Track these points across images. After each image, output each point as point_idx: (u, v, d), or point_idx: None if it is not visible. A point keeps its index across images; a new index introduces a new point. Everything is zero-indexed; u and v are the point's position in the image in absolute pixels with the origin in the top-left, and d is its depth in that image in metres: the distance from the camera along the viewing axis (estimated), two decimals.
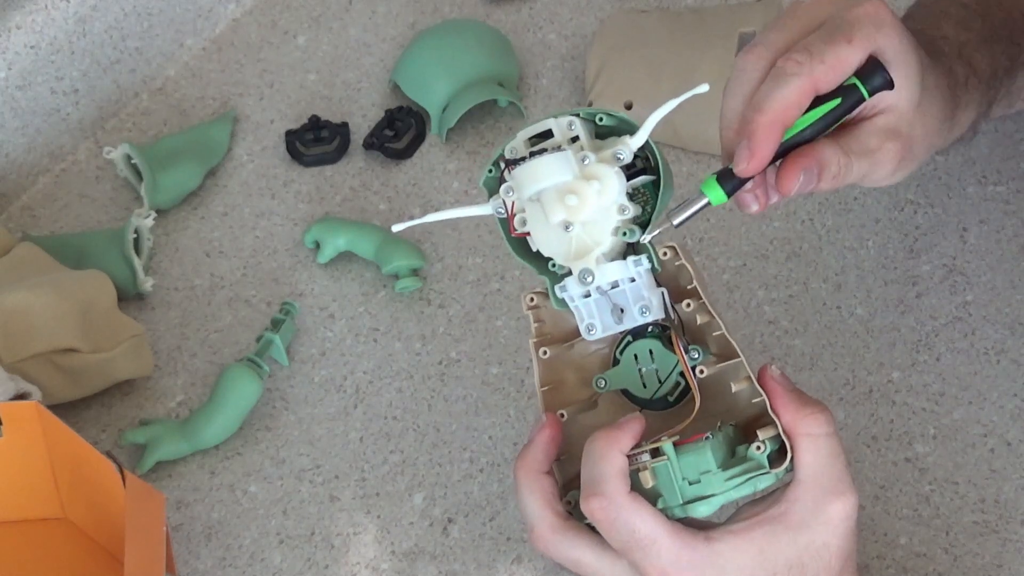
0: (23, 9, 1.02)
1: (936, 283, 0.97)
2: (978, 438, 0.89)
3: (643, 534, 0.69)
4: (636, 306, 0.73)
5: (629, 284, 0.73)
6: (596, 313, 0.74)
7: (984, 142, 1.03)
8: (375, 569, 0.87)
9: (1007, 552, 0.85)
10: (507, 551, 0.87)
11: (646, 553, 0.69)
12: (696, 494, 0.70)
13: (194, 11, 1.13)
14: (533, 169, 0.72)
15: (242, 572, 0.87)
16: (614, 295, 0.73)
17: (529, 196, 0.72)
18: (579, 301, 0.74)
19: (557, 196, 0.72)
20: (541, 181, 0.72)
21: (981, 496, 0.87)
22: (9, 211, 1.05)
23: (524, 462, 0.74)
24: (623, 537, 0.69)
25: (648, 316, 0.73)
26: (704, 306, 0.74)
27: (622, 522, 0.69)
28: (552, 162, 0.72)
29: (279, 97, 1.11)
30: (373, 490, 0.90)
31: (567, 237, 0.73)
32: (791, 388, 0.72)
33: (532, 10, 1.15)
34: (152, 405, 0.95)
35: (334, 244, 0.99)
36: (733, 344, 0.73)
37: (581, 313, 0.74)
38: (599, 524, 0.70)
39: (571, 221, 0.72)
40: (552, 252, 0.73)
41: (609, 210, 0.72)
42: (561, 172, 0.72)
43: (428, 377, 0.95)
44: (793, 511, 0.70)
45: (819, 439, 0.70)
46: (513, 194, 0.73)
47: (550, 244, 0.73)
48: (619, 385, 0.75)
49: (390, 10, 1.15)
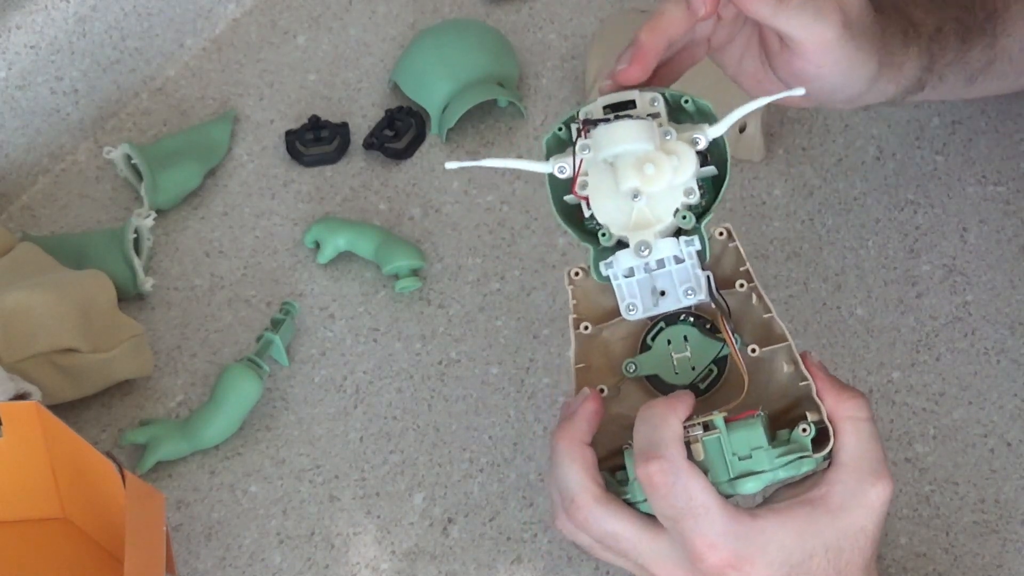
0: (23, 9, 1.02)
1: (936, 283, 0.97)
2: (978, 438, 0.89)
3: (699, 501, 0.68)
4: (681, 288, 0.73)
5: (675, 266, 0.73)
6: (638, 293, 0.73)
7: (984, 142, 1.03)
8: (375, 569, 0.87)
9: (1007, 552, 0.85)
10: (507, 551, 0.87)
11: (698, 522, 0.68)
12: (746, 469, 0.70)
13: (194, 11, 1.13)
14: (618, 130, 0.71)
15: (242, 572, 0.87)
16: (658, 276, 0.73)
17: (607, 157, 0.72)
18: (622, 279, 0.73)
19: (635, 163, 0.71)
20: (624, 143, 0.71)
21: (981, 496, 0.87)
22: (9, 211, 1.05)
23: (566, 433, 0.72)
24: (678, 503, 0.68)
25: (693, 298, 0.73)
26: (756, 288, 0.74)
27: (680, 487, 0.68)
28: (638, 127, 0.72)
29: (279, 97, 1.11)
30: (373, 490, 0.90)
31: (629, 208, 0.72)
32: (830, 374, 0.73)
33: (532, 10, 1.15)
34: (152, 405, 0.95)
35: (334, 244, 0.99)
36: (783, 327, 0.73)
37: (623, 291, 0.73)
38: (655, 489, 0.69)
39: (641, 191, 0.71)
40: (609, 220, 0.73)
41: (677, 190, 0.72)
42: (644, 139, 0.71)
43: (428, 377, 0.95)
44: (834, 493, 0.70)
45: (860, 423, 0.71)
46: (588, 152, 0.72)
47: (608, 212, 0.73)
48: (650, 371, 0.75)
49: (390, 10, 1.15)
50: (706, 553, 0.68)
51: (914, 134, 1.04)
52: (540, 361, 0.95)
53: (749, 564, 0.69)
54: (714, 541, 0.68)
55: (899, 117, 1.05)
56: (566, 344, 0.95)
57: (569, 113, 0.75)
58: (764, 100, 0.73)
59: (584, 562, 0.86)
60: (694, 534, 0.69)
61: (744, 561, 0.69)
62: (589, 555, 0.74)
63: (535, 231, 1.01)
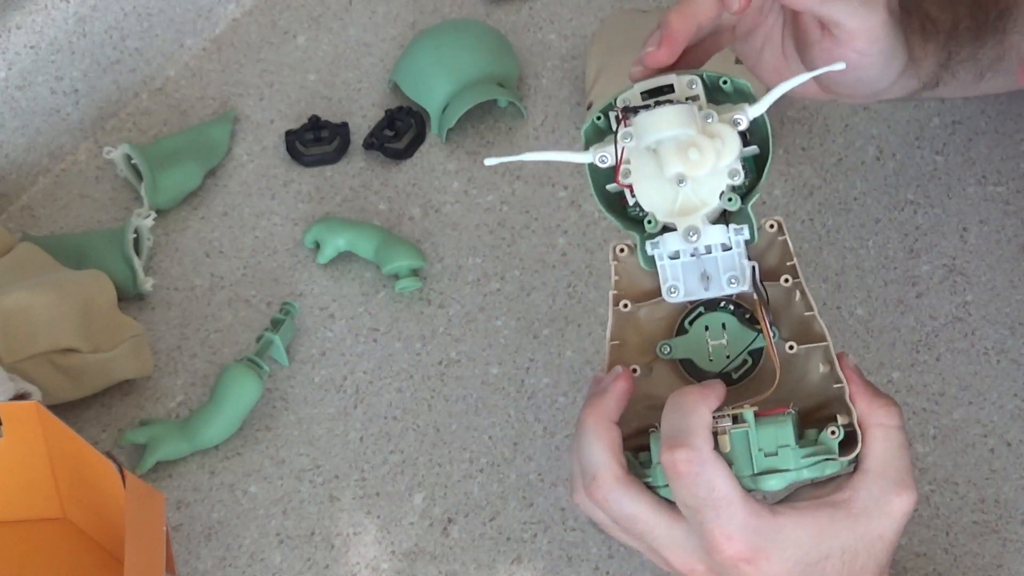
0: (23, 9, 1.02)
1: (936, 283, 0.97)
2: (978, 438, 0.89)
3: (721, 493, 0.68)
4: (726, 275, 0.72)
5: (722, 253, 0.72)
6: (681, 276, 0.73)
7: (984, 142, 1.03)
8: (375, 569, 0.87)
9: (1007, 552, 0.85)
10: (507, 551, 0.87)
11: (718, 513, 0.68)
12: (770, 466, 0.70)
13: (194, 11, 1.13)
14: (659, 116, 0.71)
15: (242, 572, 0.87)
16: (705, 261, 0.73)
17: (649, 144, 0.71)
18: (667, 261, 0.73)
19: (678, 148, 0.71)
20: (666, 129, 0.71)
21: (981, 496, 0.87)
22: (9, 211, 1.05)
23: (595, 409, 0.72)
24: (700, 493, 0.68)
25: (736, 287, 0.73)
26: (801, 285, 0.74)
27: (704, 477, 0.68)
28: (679, 112, 0.71)
29: (279, 97, 1.11)
30: (373, 490, 0.90)
31: (674, 193, 0.72)
32: (864, 379, 0.73)
33: (532, 10, 1.15)
34: (152, 405, 0.95)
35: (334, 244, 0.99)
36: (823, 327, 0.73)
37: (666, 273, 0.73)
38: (679, 477, 0.68)
39: (686, 176, 0.71)
40: (654, 207, 0.73)
41: (721, 172, 0.72)
42: (686, 123, 0.71)
43: (428, 377, 0.95)
44: (857, 499, 0.70)
45: (890, 431, 0.71)
46: (630, 140, 0.72)
47: (652, 199, 0.73)
48: (684, 354, 0.75)
49: (390, 10, 1.15)
50: (723, 544, 0.68)
51: (914, 134, 1.04)
52: (540, 361, 0.95)
53: (764, 559, 0.69)
54: (732, 533, 0.68)
55: (899, 117, 1.05)
56: (566, 344, 0.95)
57: (607, 100, 0.74)
58: (806, 75, 0.72)
59: (584, 562, 0.86)
60: (713, 525, 0.69)
61: (760, 555, 0.69)
62: (602, 532, 0.74)
63: (535, 231, 1.01)
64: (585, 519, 0.87)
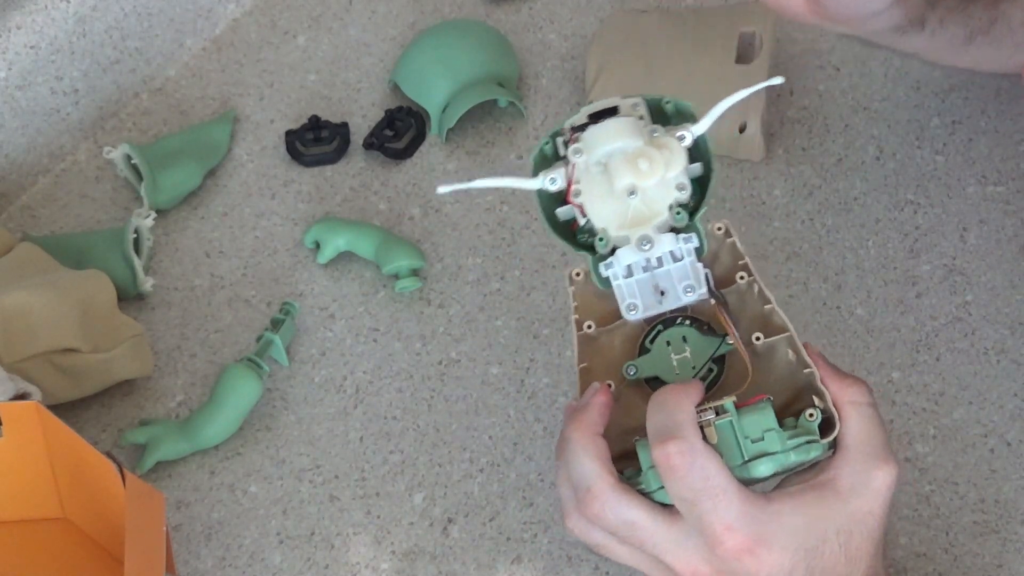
0: (23, 9, 1.02)
1: (936, 283, 0.97)
2: (978, 438, 0.89)
3: (716, 482, 0.68)
4: (681, 285, 0.74)
5: (673, 264, 0.74)
6: (638, 293, 0.74)
7: (984, 142, 1.03)
8: (375, 569, 0.87)
9: (1007, 552, 0.85)
10: (507, 551, 0.87)
11: (716, 503, 0.69)
12: (759, 451, 0.70)
13: (194, 11, 1.13)
14: (607, 129, 0.73)
15: (242, 572, 0.87)
16: (657, 275, 0.74)
17: (599, 157, 0.73)
18: (622, 280, 0.74)
19: (627, 159, 0.72)
20: (615, 140, 0.72)
21: (981, 496, 0.87)
22: (9, 211, 1.05)
23: (579, 424, 0.72)
24: (696, 485, 0.69)
25: (692, 296, 0.74)
26: (756, 281, 0.76)
27: (698, 467, 0.68)
28: (625, 124, 0.73)
29: (279, 97, 1.11)
30: (373, 490, 0.90)
31: (625, 207, 0.73)
32: (829, 363, 0.74)
33: (532, 10, 1.15)
34: (152, 405, 0.95)
35: (334, 244, 0.99)
36: (784, 317, 0.74)
37: (623, 292, 0.74)
38: (674, 470, 0.69)
39: (637, 187, 0.72)
40: (606, 223, 0.74)
41: (670, 184, 0.73)
42: (633, 134, 0.73)
43: (428, 377, 0.95)
44: (842, 476, 0.71)
45: (863, 408, 0.72)
46: (580, 156, 0.73)
47: (604, 215, 0.74)
48: (650, 372, 0.75)
49: (390, 10, 1.16)
50: (724, 536, 0.68)
51: (914, 134, 1.04)
52: (540, 361, 0.95)
53: (766, 548, 0.69)
54: (731, 523, 0.69)
55: (899, 117, 1.06)
56: (566, 344, 0.95)
57: (554, 129, 0.76)
58: (744, 92, 0.73)
59: (584, 562, 0.86)
60: (712, 516, 0.69)
61: (760, 545, 0.69)
62: (599, 555, 0.74)
63: (535, 231, 1.01)
64: None
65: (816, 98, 1.07)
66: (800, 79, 1.08)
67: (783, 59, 1.10)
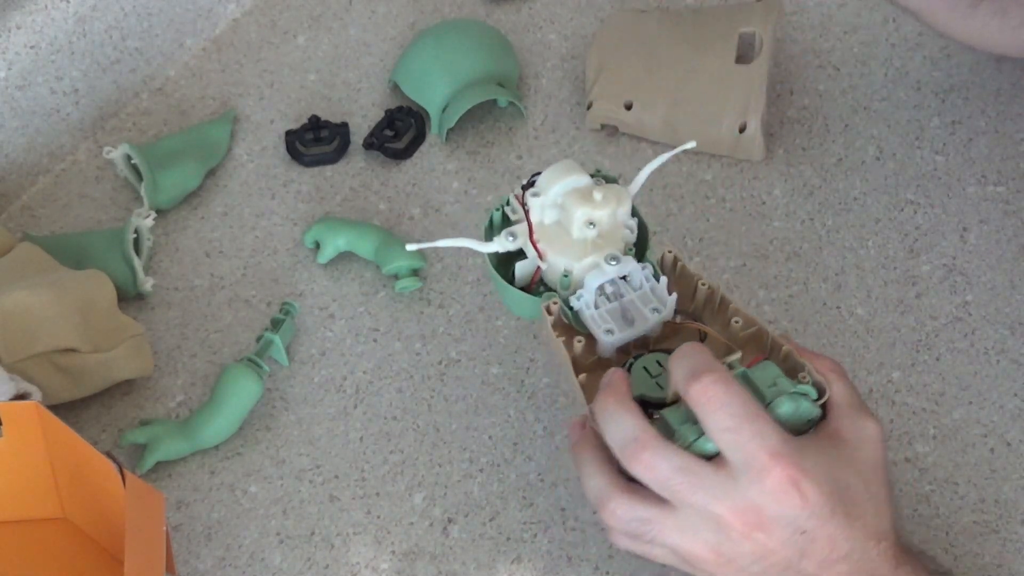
0: (23, 9, 1.02)
1: (936, 283, 0.97)
2: (978, 438, 0.89)
3: (754, 408, 0.71)
4: (647, 308, 0.78)
5: (636, 293, 0.78)
6: (610, 319, 0.78)
7: (984, 142, 1.03)
8: (375, 569, 0.87)
9: (1007, 552, 0.85)
10: (507, 551, 0.87)
11: (759, 427, 0.70)
12: (777, 392, 0.73)
13: (194, 11, 1.13)
14: (559, 168, 0.80)
15: (242, 572, 0.87)
16: (624, 304, 0.78)
17: (556, 194, 0.79)
18: (592, 311, 0.78)
19: (582, 195, 0.79)
20: (568, 176, 0.79)
21: (981, 496, 0.87)
22: (9, 211, 1.05)
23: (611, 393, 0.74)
24: (737, 410, 0.70)
25: (659, 314, 0.78)
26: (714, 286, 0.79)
27: (736, 392, 0.71)
28: (572, 164, 0.80)
29: (279, 97, 1.11)
30: (373, 490, 0.90)
31: (586, 239, 0.78)
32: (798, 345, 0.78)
33: (532, 10, 1.15)
34: (152, 405, 0.95)
35: (334, 244, 0.99)
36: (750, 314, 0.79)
37: (596, 321, 0.78)
38: (713, 399, 0.71)
39: (595, 218, 0.78)
40: (570, 258, 0.79)
41: (621, 221, 0.80)
42: (582, 173, 0.80)
43: (428, 377, 0.95)
44: (843, 428, 0.74)
45: (839, 374, 0.76)
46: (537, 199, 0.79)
47: (567, 253, 0.79)
48: (636, 392, 0.77)
49: (390, 10, 1.16)
50: (770, 464, 0.70)
51: (914, 134, 1.04)
52: (540, 361, 0.95)
53: (808, 482, 0.70)
54: (776, 449, 0.70)
55: (899, 117, 1.06)
56: None
57: (499, 201, 0.82)
58: (663, 158, 0.82)
59: (584, 562, 0.86)
60: (757, 443, 0.70)
61: (804, 477, 0.70)
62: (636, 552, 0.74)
63: None
64: (586, 519, 0.87)
65: (816, 98, 1.07)
66: (800, 79, 1.08)
67: (783, 59, 1.10)
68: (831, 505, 0.71)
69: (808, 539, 0.71)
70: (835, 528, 0.71)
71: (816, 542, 0.71)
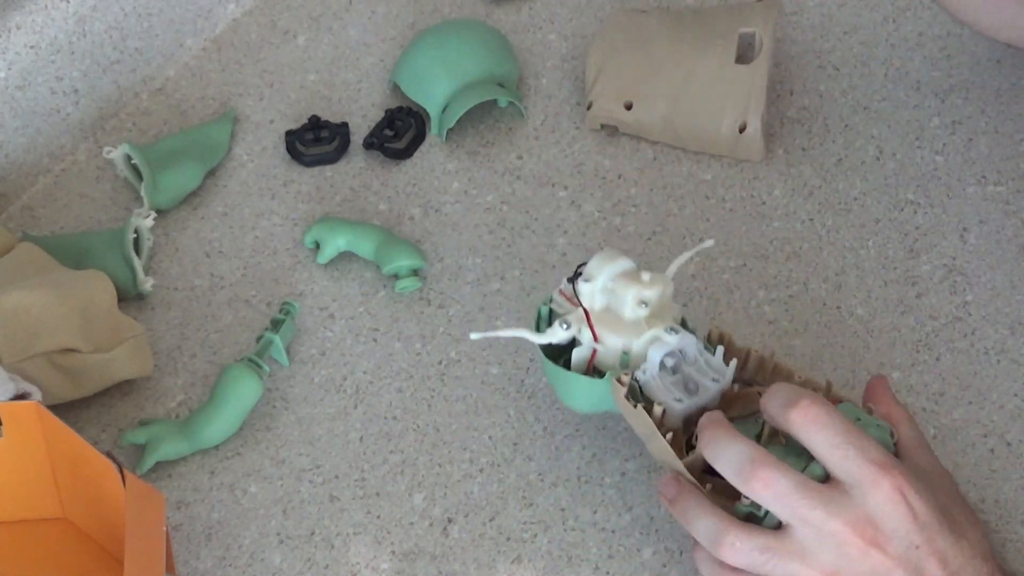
0: (23, 9, 1.02)
1: (936, 283, 0.97)
2: (978, 438, 0.89)
3: (855, 427, 0.74)
4: (707, 378, 0.81)
5: (693, 366, 0.82)
6: (675, 390, 0.80)
7: (984, 142, 1.03)
8: (375, 569, 0.87)
9: (1007, 552, 0.85)
10: (507, 551, 0.87)
11: (864, 442, 0.73)
12: (865, 424, 0.77)
13: (194, 11, 1.13)
14: (604, 255, 0.83)
15: (242, 572, 0.87)
16: (686, 375, 0.81)
17: (606, 279, 0.82)
18: (657, 382, 0.81)
19: (630, 277, 0.82)
20: (615, 262, 0.83)
21: (981, 496, 0.87)
22: (9, 211, 1.05)
23: (714, 419, 0.77)
24: (841, 427, 0.73)
25: (720, 383, 0.81)
26: (766, 355, 0.83)
27: (836, 413, 0.73)
28: (616, 251, 0.84)
29: (279, 97, 1.11)
30: (373, 490, 0.90)
31: (640, 319, 0.82)
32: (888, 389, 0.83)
33: (532, 10, 1.15)
34: (152, 405, 0.95)
35: (334, 244, 0.99)
36: (806, 375, 0.83)
37: (663, 391, 0.80)
38: (815, 420, 0.73)
39: (646, 298, 0.82)
40: (626, 337, 0.82)
41: (668, 302, 0.83)
42: (626, 257, 0.83)
43: (428, 377, 0.95)
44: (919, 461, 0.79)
45: (907, 419, 0.81)
46: (588, 284, 0.82)
47: (623, 334, 0.82)
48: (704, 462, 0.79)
49: (390, 10, 1.15)
50: (879, 475, 0.72)
51: (914, 134, 1.04)
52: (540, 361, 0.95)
53: (913, 493, 0.72)
54: (882, 459, 0.72)
55: (899, 117, 1.06)
56: None
57: (546, 299, 0.86)
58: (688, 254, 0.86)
59: (584, 562, 0.86)
60: (865, 456, 0.72)
61: (910, 487, 0.72)
62: None
63: (535, 231, 1.01)
64: (586, 519, 0.87)
65: (816, 98, 1.07)
66: (800, 79, 1.08)
67: (783, 59, 1.10)
68: (938, 519, 0.72)
69: (922, 555, 0.72)
70: (944, 544, 0.72)
71: (930, 558, 0.72)
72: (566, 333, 0.83)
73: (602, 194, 1.03)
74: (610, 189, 1.03)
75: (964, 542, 0.74)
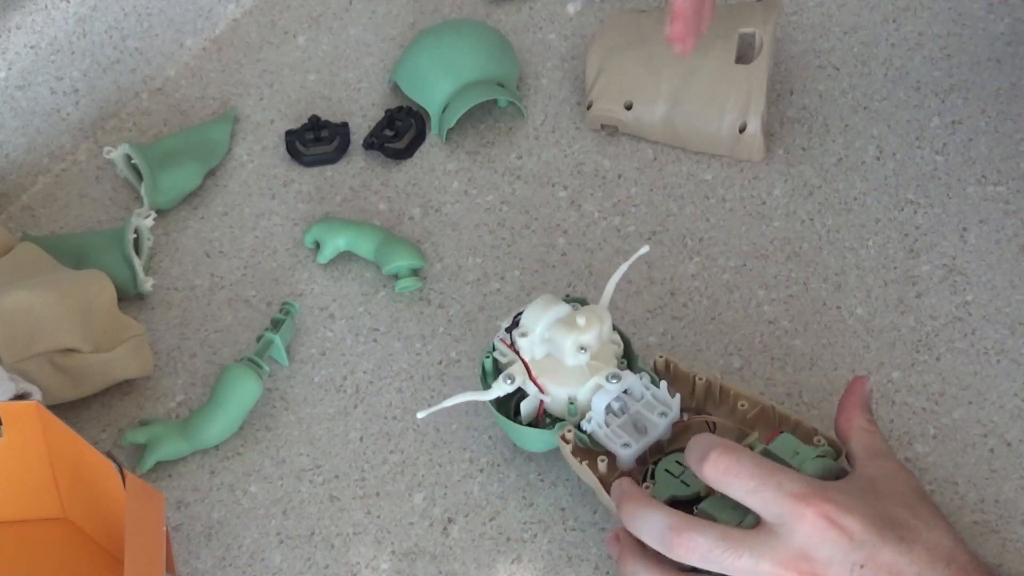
0: (23, 9, 1.02)
1: (936, 283, 0.97)
2: (978, 438, 0.89)
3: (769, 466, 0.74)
4: (654, 414, 0.82)
5: (640, 404, 0.82)
6: (624, 434, 0.81)
7: (984, 142, 1.03)
8: (375, 569, 0.87)
9: (1007, 552, 0.85)
10: (507, 551, 0.87)
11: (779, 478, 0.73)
12: (802, 459, 0.77)
13: (194, 11, 1.13)
14: (537, 305, 0.84)
15: (242, 572, 0.87)
16: (633, 416, 0.82)
17: (542, 330, 0.83)
18: (605, 430, 0.81)
19: (566, 323, 0.83)
20: (549, 310, 0.83)
21: (981, 496, 0.87)
22: (9, 211, 1.05)
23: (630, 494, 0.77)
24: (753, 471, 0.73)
25: (668, 417, 0.82)
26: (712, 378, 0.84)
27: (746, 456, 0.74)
28: (550, 298, 0.84)
29: (279, 97, 1.11)
30: (373, 490, 0.90)
31: (581, 365, 0.83)
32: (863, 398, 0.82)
33: (532, 10, 1.15)
34: (152, 405, 0.95)
35: (334, 244, 0.99)
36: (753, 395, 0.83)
37: (611, 438, 0.81)
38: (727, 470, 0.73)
39: (584, 343, 0.82)
40: (571, 386, 0.83)
41: (607, 340, 0.84)
42: (560, 304, 0.84)
43: (428, 377, 0.95)
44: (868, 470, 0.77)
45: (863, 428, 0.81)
46: (526, 337, 0.83)
47: (567, 383, 0.83)
48: (665, 494, 0.80)
49: (390, 10, 1.15)
50: (800, 506, 0.71)
51: (914, 134, 1.04)
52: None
53: (841, 513, 0.72)
54: (801, 490, 0.72)
55: (899, 117, 1.06)
56: None
57: (485, 349, 0.87)
58: (623, 268, 0.86)
59: (584, 562, 0.86)
60: (782, 491, 0.72)
61: (837, 509, 0.72)
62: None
63: (535, 231, 1.01)
64: (586, 519, 0.87)
65: (816, 98, 1.07)
66: (800, 79, 1.08)
67: (783, 59, 1.10)
68: (878, 532, 0.71)
69: (867, 573, 0.71)
70: (892, 555, 0.71)
71: (878, 573, 0.71)
72: (510, 387, 0.84)
73: (602, 194, 1.03)
74: (610, 189, 1.03)
75: (918, 547, 0.72)
